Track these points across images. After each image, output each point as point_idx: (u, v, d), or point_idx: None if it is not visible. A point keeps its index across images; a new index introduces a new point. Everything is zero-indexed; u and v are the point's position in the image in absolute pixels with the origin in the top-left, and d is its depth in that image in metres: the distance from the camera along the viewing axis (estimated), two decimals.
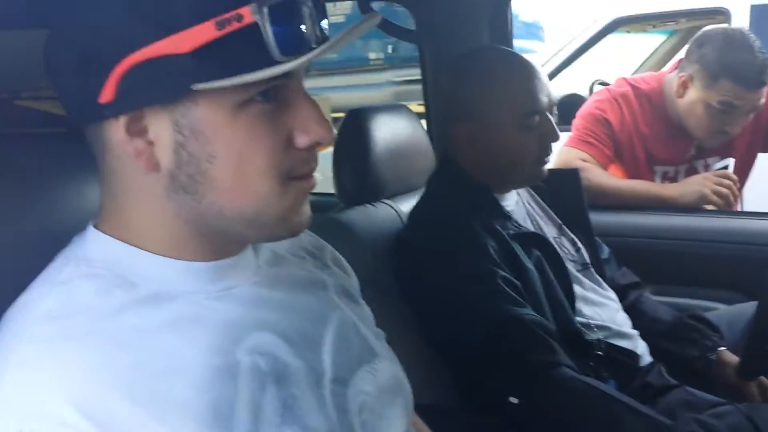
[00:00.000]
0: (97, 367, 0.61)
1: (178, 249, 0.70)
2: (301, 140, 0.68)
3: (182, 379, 0.64)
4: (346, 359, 0.77)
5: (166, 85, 0.62)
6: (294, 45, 0.63)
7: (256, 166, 0.66)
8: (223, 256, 0.73)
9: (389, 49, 7.29)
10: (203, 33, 0.60)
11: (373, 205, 1.62)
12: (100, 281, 0.67)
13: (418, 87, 2.24)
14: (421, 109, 2.22)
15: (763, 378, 1.52)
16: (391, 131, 1.65)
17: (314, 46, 0.65)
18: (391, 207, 1.64)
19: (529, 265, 1.42)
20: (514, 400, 1.25)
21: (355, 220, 1.55)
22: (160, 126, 0.65)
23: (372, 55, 7.38)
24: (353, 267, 1.02)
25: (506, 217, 1.50)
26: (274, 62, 0.62)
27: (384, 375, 0.80)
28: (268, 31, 0.61)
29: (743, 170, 2.21)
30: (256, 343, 0.69)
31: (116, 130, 0.65)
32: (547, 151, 1.49)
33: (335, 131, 0.78)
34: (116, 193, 0.70)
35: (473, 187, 1.51)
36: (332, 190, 1.66)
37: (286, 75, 0.64)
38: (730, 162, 2.18)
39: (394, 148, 1.64)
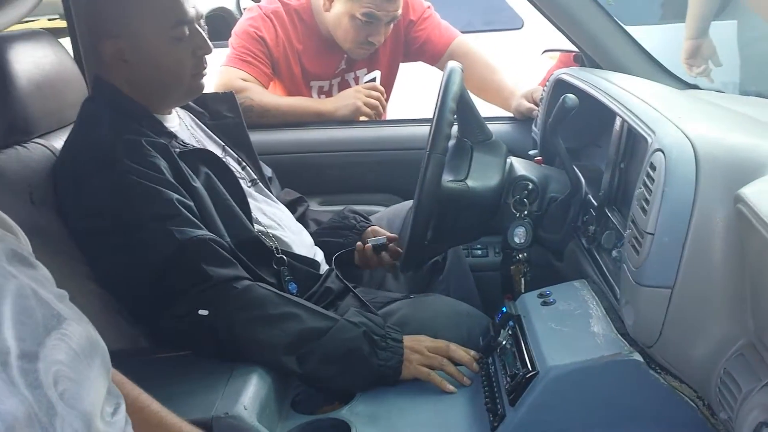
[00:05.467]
0: None
1: None
2: None
3: None
4: (30, 331, 0.70)
5: None
6: None
7: None
8: None
9: None
10: None
11: (24, 146, 1.46)
12: None
13: None
14: (56, 24, 2.03)
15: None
16: (33, 61, 1.50)
17: None
18: (45, 146, 1.50)
19: (197, 183, 1.43)
20: (203, 312, 1.30)
21: (5, 165, 1.39)
22: None
23: None
24: (10, 217, 0.92)
25: (171, 135, 1.47)
26: None
27: (76, 338, 0.75)
28: None
29: (389, 80, 2.41)
30: None
31: None
32: (203, 64, 1.49)
33: None
34: None
35: (132, 108, 1.45)
36: None
37: None
38: (377, 74, 2.35)
39: (39, 80, 1.49)
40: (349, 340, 1.34)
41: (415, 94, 2.64)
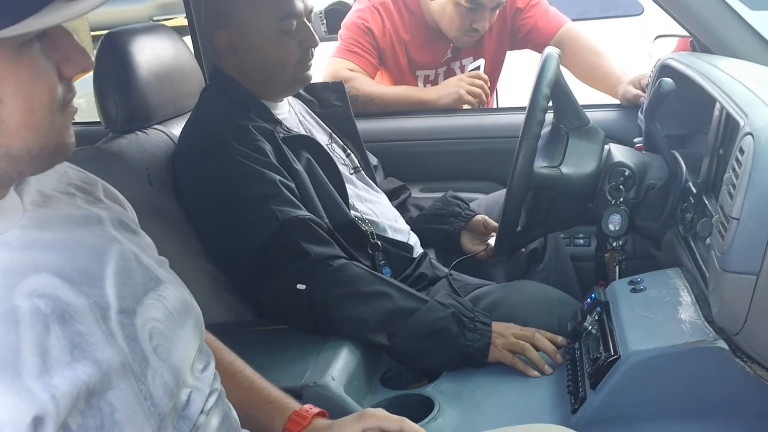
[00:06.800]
0: None
1: None
2: (69, 70, 0.70)
3: None
4: (130, 290, 0.79)
5: None
6: None
7: (42, 103, 0.67)
8: None
9: None
10: None
11: (144, 132, 1.59)
12: None
13: None
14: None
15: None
16: (154, 53, 1.62)
17: None
18: (163, 132, 1.63)
19: (298, 167, 1.51)
20: (301, 286, 1.38)
21: (126, 149, 1.52)
22: None
23: None
24: (129, 197, 1.02)
25: (276, 121, 1.56)
26: (49, 1, 0.62)
27: (171, 299, 0.84)
28: None
29: (495, 69, 2.41)
30: (33, 287, 0.69)
31: None
32: (309, 56, 1.56)
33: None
34: None
35: (243, 95, 1.55)
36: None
37: None
38: (481, 62, 2.36)
39: (159, 71, 1.61)
40: (438, 320, 1.38)
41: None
